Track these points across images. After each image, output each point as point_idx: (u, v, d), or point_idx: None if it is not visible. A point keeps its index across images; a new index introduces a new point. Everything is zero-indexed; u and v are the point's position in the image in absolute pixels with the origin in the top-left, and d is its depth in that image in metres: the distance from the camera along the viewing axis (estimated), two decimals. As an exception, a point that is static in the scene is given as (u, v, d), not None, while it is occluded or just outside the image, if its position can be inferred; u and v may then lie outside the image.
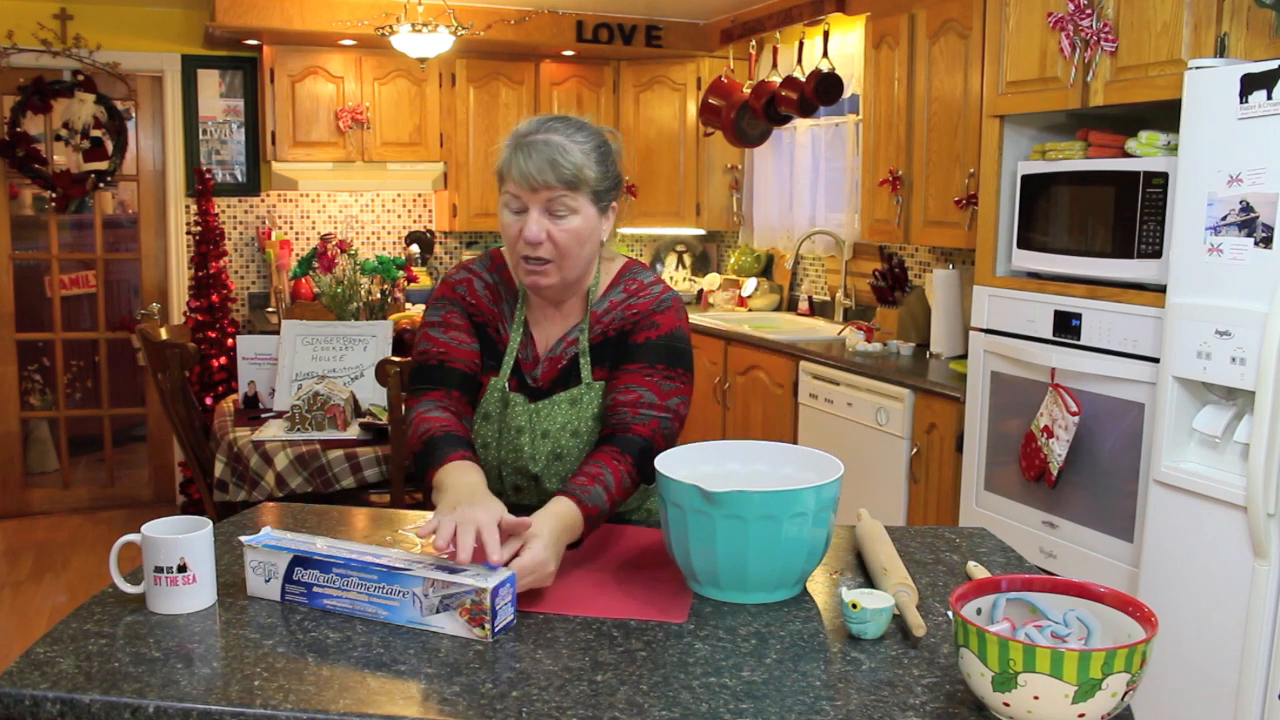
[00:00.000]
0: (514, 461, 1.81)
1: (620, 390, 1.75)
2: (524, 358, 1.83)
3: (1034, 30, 3.08)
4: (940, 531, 1.84)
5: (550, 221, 1.69)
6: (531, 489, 1.83)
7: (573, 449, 1.79)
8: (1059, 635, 1.21)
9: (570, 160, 1.66)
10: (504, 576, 1.38)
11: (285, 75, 5.14)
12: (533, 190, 1.67)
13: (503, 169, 1.70)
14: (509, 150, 1.69)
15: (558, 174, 1.66)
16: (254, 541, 1.49)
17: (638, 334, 1.79)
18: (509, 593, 1.39)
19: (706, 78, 5.53)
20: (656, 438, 1.72)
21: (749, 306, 5.48)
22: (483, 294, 1.85)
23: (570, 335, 1.83)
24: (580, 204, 1.70)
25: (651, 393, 1.74)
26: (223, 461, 3.09)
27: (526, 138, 1.68)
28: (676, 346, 1.79)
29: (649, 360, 1.76)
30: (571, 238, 1.70)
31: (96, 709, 1.19)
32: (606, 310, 1.82)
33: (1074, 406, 2.93)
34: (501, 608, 1.37)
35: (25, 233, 5.24)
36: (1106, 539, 2.90)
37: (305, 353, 3.44)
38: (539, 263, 1.71)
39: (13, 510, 5.26)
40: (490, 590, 1.34)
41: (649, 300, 1.81)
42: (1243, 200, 2.34)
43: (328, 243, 4.24)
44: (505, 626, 1.39)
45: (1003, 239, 3.27)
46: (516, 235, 1.70)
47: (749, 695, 1.22)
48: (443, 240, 5.89)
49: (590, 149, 1.70)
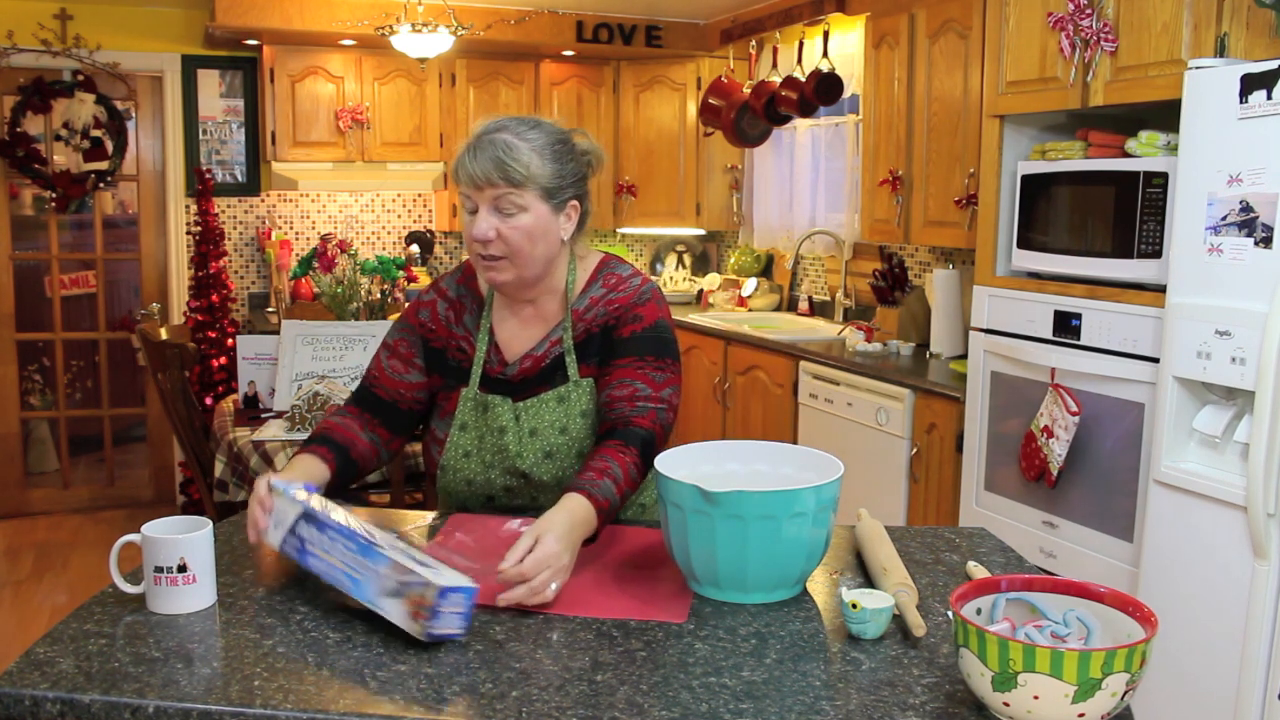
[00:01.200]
0: (501, 462, 1.82)
1: (615, 386, 1.78)
2: (489, 364, 1.86)
3: (1034, 30, 3.08)
4: (940, 531, 1.84)
5: (499, 219, 1.72)
6: (523, 488, 1.84)
7: (562, 446, 1.81)
8: (1059, 635, 1.21)
9: (515, 158, 1.69)
10: (463, 585, 1.34)
11: (285, 75, 5.14)
12: (478, 189, 1.71)
13: (455, 170, 1.74)
14: (461, 151, 1.73)
15: (501, 172, 1.69)
16: (280, 486, 1.54)
17: (622, 328, 1.81)
18: (462, 603, 1.34)
19: (706, 78, 5.53)
20: (657, 428, 1.75)
21: (749, 306, 5.48)
22: (444, 316, 1.90)
23: (554, 335, 1.85)
24: (528, 201, 1.72)
25: (646, 385, 1.77)
26: (223, 461, 3.09)
27: (477, 138, 1.73)
28: (662, 337, 1.82)
29: (638, 353, 1.79)
30: (521, 235, 1.73)
31: (96, 709, 1.19)
32: (588, 307, 1.84)
33: (1074, 406, 2.93)
34: (446, 613, 1.32)
35: (25, 233, 5.24)
36: (1106, 539, 2.90)
37: (305, 353, 3.44)
38: (492, 259, 1.75)
39: (13, 510, 5.26)
40: (438, 589, 1.31)
41: (629, 294, 1.84)
42: (1243, 200, 2.34)
43: (328, 243, 4.23)
44: (446, 635, 1.34)
45: (1003, 239, 3.27)
46: (470, 234, 1.74)
47: (749, 695, 1.22)
48: (442, 240, 5.89)
49: (542, 145, 1.73)
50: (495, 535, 1.72)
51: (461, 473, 1.85)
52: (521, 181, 1.70)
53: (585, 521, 1.56)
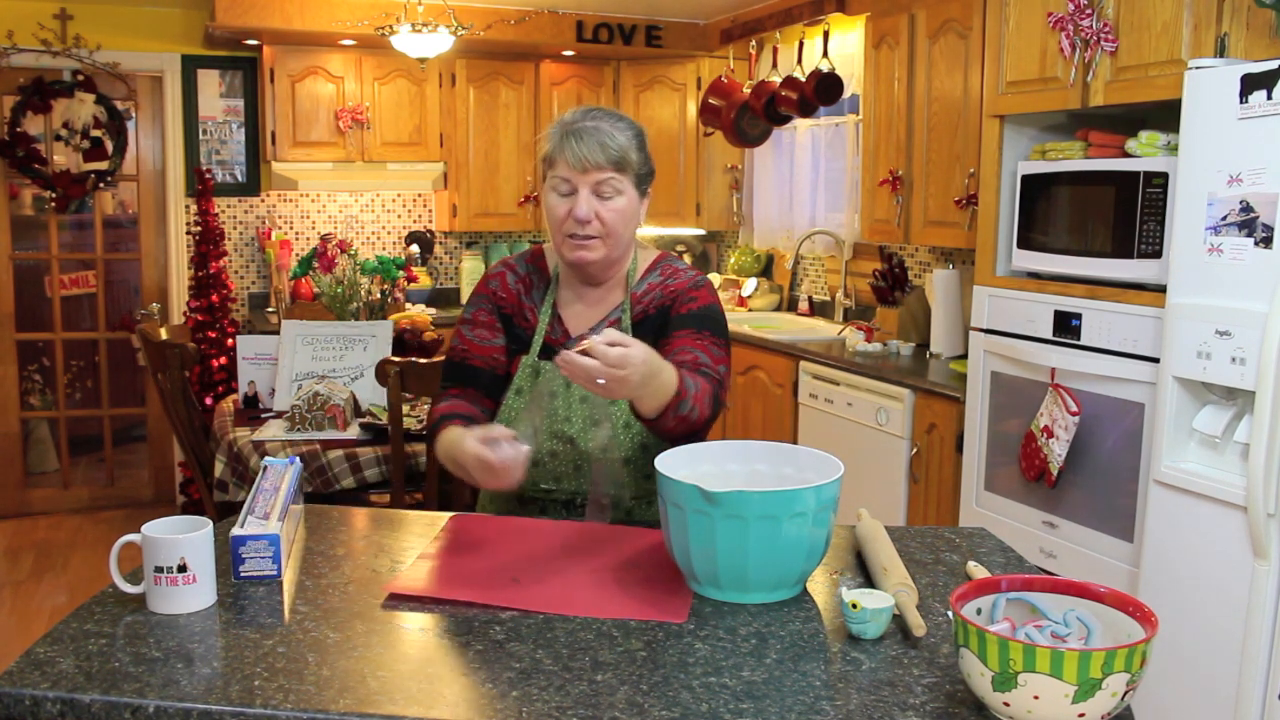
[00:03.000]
0: (549, 425, 1.88)
1: (677, 353, 1.84)
2: (553, 334, 1.93)
3: (1034, 30, 3.08)
4: (940, 531, 1.84)
5: (598, 202, 1.83)
6: (567, 453, 1.88)
7: (610, 415, 1.87)
8: (1059, 635, 1.21)
9: (617, 144, 1.81)
10: (271, 533, 1.53)
11: (285, 75, 5.14)
12: (584, 172, 1.80)
13: (553, 154, 1.83)
14: (558, 137, 1.82)
15: (607, 155, 1.80)
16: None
17: (679, 307, 1.91)
18: (268, 550, 1.53)
19: (706, 78, 5.53)
20: (720, 391, 1.82)
21: (749, 306, 5.48)
22: (514, 286, 1.99)
23: (612, 316, 1.94)
24: (625, 185, 1.84)
25: (705, 355, 1.85)
26: (223, 461, 3.09)
27: (574, 125, 1.82)
28: (718, 319, 1.92)
29: (696, 326, 1.89)
30: (618, 216, 1.84)
31: (96, 709, 1.19)
32: (645, 292, 1.95)
33: (1074, 406, 2.93)
34: (249, 557, 1.53)
35: (25, 233, 5.24)
36: (1106, 539, 2.90)
37: (305, 353, 3.44)
38: (587, 239, 1.84)
39: (13, 510, 5.26)
40: (238, 538, 1.52)
41: (685, 280, 1.95)
42: (1243, 200, 2.34)
43: (328, 243, 4.23)
44: (251, 576, 1.54)
45: (1003, 239, 3.27)
46: (564, 215, 1.83)
47: (749, 695, 1.22)
48: (443, 240, 5.89)
49: (631, 135, 1.85)
50: (508, 529, 1.75)
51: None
52: (623, 166, 1.82)
53: (668, 382, 1.63)
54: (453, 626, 1.40)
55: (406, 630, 1.39)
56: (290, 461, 1.87)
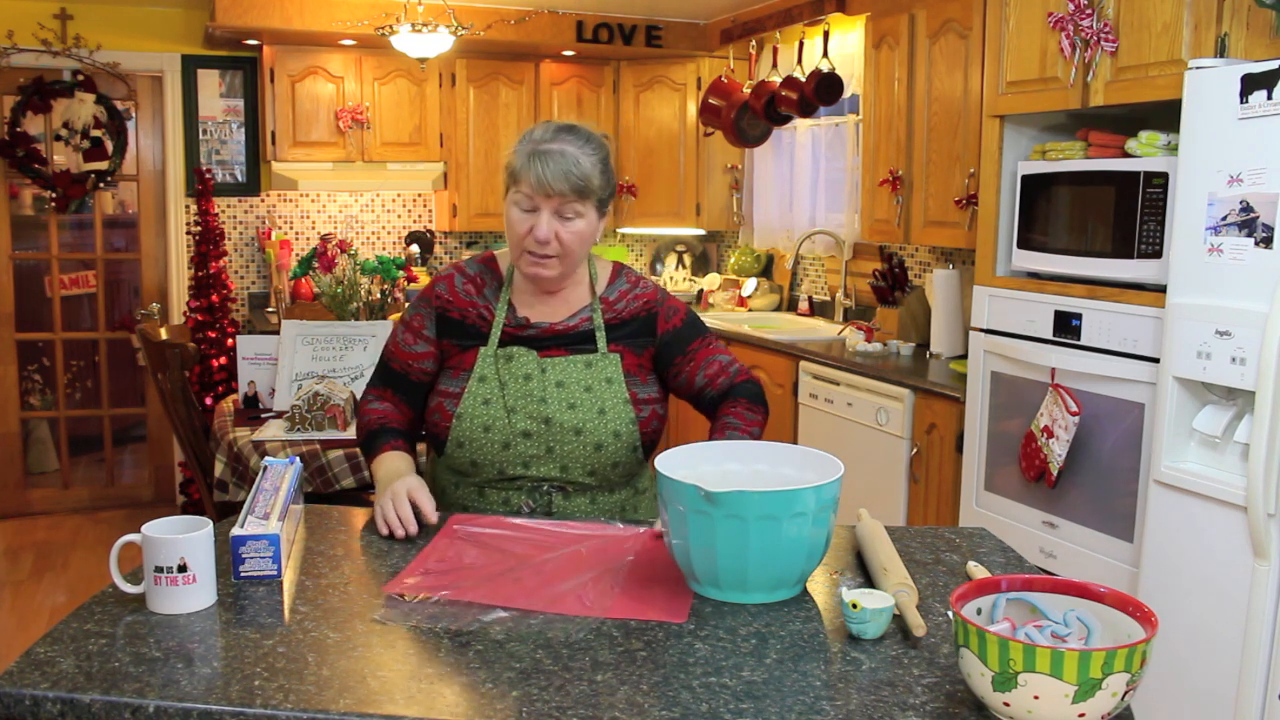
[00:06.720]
0: (524, 407, 1.91)
1: (704, 367, 2.03)
2: (513, 324, 1.97)
3: (1034, 30, 3.08)
4: (940, 531, 1.84)
5: (559, 223, 1.86)
6: (542, 433, 1.90)
7: (586, 400, 1.92)
8: (1059, 635, 1.21)
9: (581, 171, 1.83)
10: (271, 533, 1.54)
11: (285, 75, 5.14)
12: (546, 196, 1.83)
13: (519, 172, 1.85)
14: (524, 156, 1.84)
15: (571, 184, 1.83)
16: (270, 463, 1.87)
17: (665, 321, 2.01)
18: (268, 550, 1.54)
19: (706, 78, 5.53)
20: (752, 376, 2.05)
21: (749, 306, 5.48)
22: (462, 288, 2.01)
23: (582, 314, 1.98)
24: (586, 209, 1.88)
25: (721, 355, 2.05)
26: (223, 461, 3.09)
27: (541, 145, 1.84)
28: (699, 319, 2.08)
29: (699, 335, 2.05)
30: (576, 238, 1.88)
31: (96, 709, 1.19)
32: (618, 298, 2.01)
33: (1074, 406, 2.93)
34: (249, 557, 1.54)
35: (25, 233, 5.24)
36: (1106, 539, 2.90)
37: (305, 353, 3.44)
38: (545, 257, 1.88)
39: (13, 510, 5.26)
40: (238, 538, 1.53)
41: (650, 289, 2.05)
42: (1243, 200, 2.34)
43: (328, 243, 4.23)
44: (251, 576, 1.55)
45: (1003, 239, 3.27)
46: (525, 233, 1.86)
47: (749, 695, 1.22)
48: (443, 240, 5.89)
49: (597, 160, 1.87)
50: (508, 529, 1.77)
51: (479, 419, 1.91)
52: (586, 193, 1.85)
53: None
54: (453, 626, 1.40)
55: (406, 630, 1.39)
56: (290, 461, 1.87)
